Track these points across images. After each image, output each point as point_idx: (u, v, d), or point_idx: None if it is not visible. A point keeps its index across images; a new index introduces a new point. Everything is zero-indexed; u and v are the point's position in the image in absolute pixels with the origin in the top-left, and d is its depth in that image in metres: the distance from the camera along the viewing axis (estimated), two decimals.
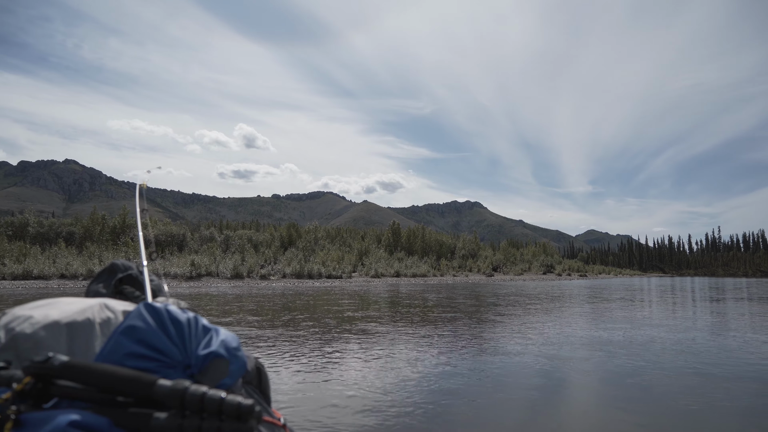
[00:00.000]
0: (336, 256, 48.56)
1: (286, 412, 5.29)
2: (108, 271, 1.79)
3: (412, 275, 44.87)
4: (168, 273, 34.92)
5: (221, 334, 0.99)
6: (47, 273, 32.34)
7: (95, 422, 0.79)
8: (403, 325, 12.23)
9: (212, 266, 36.62)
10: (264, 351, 8.63)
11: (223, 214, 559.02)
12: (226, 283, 32.88)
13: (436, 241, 74.04)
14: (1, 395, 0.85)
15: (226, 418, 0.75)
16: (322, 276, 39.73)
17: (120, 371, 0.84)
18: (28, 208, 62.87)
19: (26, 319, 1.15)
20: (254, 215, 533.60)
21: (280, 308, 16.50)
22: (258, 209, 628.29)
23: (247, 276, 36.68)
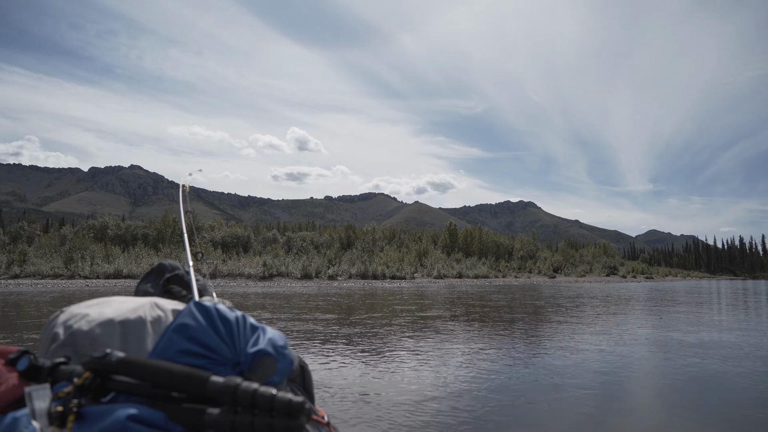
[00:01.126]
0: (396, 257, 49.33)
1: (341, 407, 5.39)
2: (156, 272, 1.91)
3: (474, 276, 45.03)
4: (242, 273, 36.71)
5: (268, 333, 1.03)
6: (135, 272, 34.76)
7: (152, 416, 0.81)
8: (473, 325, 12.46)
9: (282, 267, 38.17)
10: (331, 348, 8.98)
11: (277, 215, 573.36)
12: (297, 283, 34.21)
13: (493, 242, 73.62)
14: (63, 389, 0.88)
15: (276, 415, 0.77)
16: (386, 277, 40.54)
17: (174, 367, 0.86)
18: (99, 211, 66.59)
19: (83, 316, 1.20)
20: (307, 217, 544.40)
21: (352, 307, 17.24)
22: (311, 211, 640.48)
23: (315, 276, 37.99)
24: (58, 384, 0.93)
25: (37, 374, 0.99)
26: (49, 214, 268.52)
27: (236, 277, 36.07)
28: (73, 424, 0.81)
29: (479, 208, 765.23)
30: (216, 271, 36.09)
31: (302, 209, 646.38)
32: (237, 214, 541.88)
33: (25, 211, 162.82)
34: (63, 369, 0.97)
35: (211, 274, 35.98)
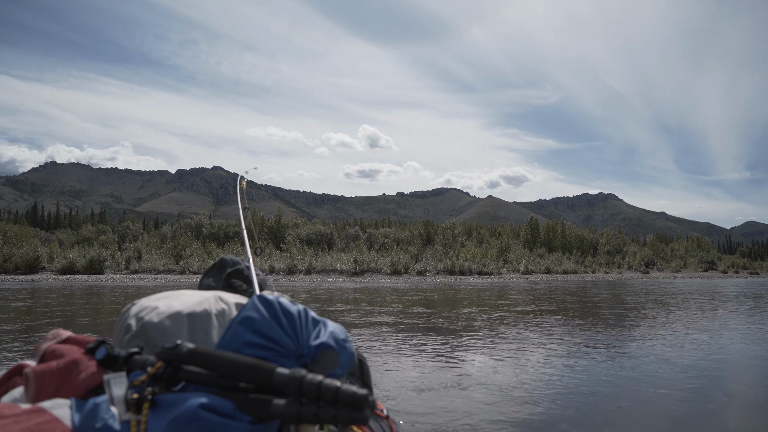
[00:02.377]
0: (479, 253, 49.26)
1: (412, 402, 5.34)
2: (218, 266, 2.00)
3: (563, 272, 44.16)
4: (334, 269, 38.24)
5: (329, 326, 1.05)
6: None
7: (222, 405, 0.83)
8: (577, 322, 12.31)
9: (372, 263, 39.36)
10: (414, 343, 9.11)
11: (350, 212, 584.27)
12: (388, 279, 35.16)
13: (576, 237, 71.40)
14: (137, 377, 0.93)
15: (341, 407, 0.77)
16: (473, 272, 40.69)
17: (242, 359, 0.89)
18: (185, 210, 71.54)
19: (153, 309, 1.27)
20: (380, 213, 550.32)
21: (455, 301, 17.61)
22: (383, 207, 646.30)
23: (404, 272, 38.86)
24: (133, 372, 0.98)
25: (113, 363, 1.05)
26: (142, 213, 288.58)
27: (329, 273, 37.63)
28: (148, 411, 0.84)
29: (555, 202, 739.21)
30: (310, 267, 37.80)
31: (375, 206, 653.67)
32: (312, 211, 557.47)
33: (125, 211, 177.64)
34: (137, 358, 1.02)
35: (306, 270, 37.79)
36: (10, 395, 1.10)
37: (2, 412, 0.82)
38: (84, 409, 0.87)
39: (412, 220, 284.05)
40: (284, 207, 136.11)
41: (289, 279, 33.97)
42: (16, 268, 36.83)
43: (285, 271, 37.25)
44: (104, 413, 0.85)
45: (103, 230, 74.52)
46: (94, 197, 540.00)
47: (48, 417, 0.83)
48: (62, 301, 17.36)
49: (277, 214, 71.52)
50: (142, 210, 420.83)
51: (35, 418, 0.81)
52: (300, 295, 20.12)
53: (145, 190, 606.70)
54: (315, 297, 19.43)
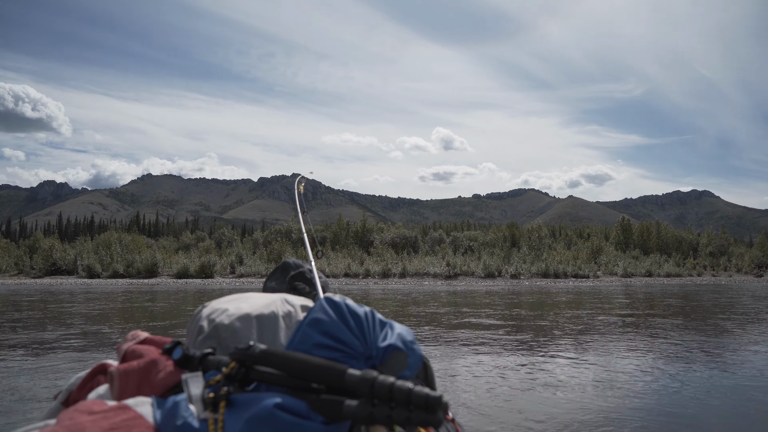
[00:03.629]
0: (570, 255, 47.88)
1: (501, 408, 5.20)
2: (281, 269, 2.06)
3: (665, 275, 42.02)
4: (427, 272, 38.75)
5: (396, 328, 1.05)
6: (335, 271, 38.68)
7: (295, 406, 0.85)
8: (696, 327, 11.81)
9: (465, 266, 39.50)
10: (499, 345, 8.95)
11: (426, 215, 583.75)
12: (482, 282, 35.18)
13: (673, 237, 67.46)
14: (213, 377, 0.96)
15: (414, 409, 0.77)
16: (568, 275, 39.72)
17: (314, 359, 0.90)
18: (267, 216, 74.80)
19: (223, 311, 1.30)
20: (456, 216, 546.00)
21: (550, 306, 17.36)
22: (459, 209, 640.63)
23: (498, 275, 38.67)
24: (208, 372, 1.02)
25: (188, 363, 1.09)
26: (229, 220, 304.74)
27: (423, 276, 38.18)
28: (224, 410, 0.87)
29: (643, 200, 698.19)
30: (404, 270, 38.54)
31: (451, 208, 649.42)
32: (388, 215, 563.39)
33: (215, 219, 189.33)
34: (211, 359, 1.06)
35: (401, 273, 38.58)
36: (96, 392, 1.17)
37: (91, 408, 0.86)
38: (165, 406, 0.90)
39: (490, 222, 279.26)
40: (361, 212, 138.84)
41: (384, 282, 34.91)
42: (138, 272, 40.50)
43: (380, 274, 38.25)
44: (184, 411, 0.88)
45: (201, 237, 79.67)
46: (185, 206, 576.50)
47: (132, 414, 0.87)
48: (180, 302, 19.02)
49: (362, 219, 73.26)
50: (228, 217, 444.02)
51: (121, 414, 0.86)
52: (397, 298, 20.72)
53: (230, 198, 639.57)
54: (413, 300, 19.94)
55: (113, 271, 40.42)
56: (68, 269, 44.94)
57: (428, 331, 10.73)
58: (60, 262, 45.50)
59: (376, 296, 22.06)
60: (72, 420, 0.82)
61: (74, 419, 0.83)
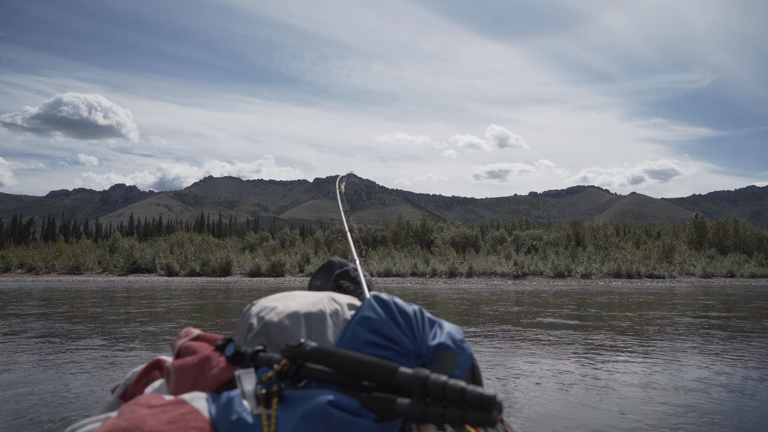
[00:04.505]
0: (641, 254, 46.06)
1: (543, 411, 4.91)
2: (326, 268, 2.07)
3: (749, 275, 39.76)
4: (494, 272, 38.40)
5: (446, 327, 1.05)
6: (402, 271, 39.03)
7: (348, 403, 0.85)
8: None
9: (533, 265, 38.87)
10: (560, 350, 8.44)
11: (481, 214, 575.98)
12: (551, 282, 34.49)
13: (753, 235, 63.52)
14: (264, 374, 0.98)
15: (467, 408, 0.75)
16: (642, 275, 38.29)
17: (365, 357, 0.89)
18: (323, 216, 76.25)
19: (272, 309, 1.33)
20: (512, 214, 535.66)
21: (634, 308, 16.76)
22: (515, 208, 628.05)
23: (568, 275, 37.82)
24: (260, 369, 1.03)
25: (240, 359, 1.11)
26: (286, 220, 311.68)
27: (490, 276, 37.87)
28: (277, 406, 0.88)
29: (713, 196, 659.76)
30: (471, 270, 38.36)
31: (506, 207, 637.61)
32: (442, 214, 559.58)
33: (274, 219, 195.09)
34: (262, 356, 1.09)
35: (467, 273, 38.42)
36: (152, 387, 1.23)
37: (150, 402, 0.90)
38: (219, 402, 0.92)
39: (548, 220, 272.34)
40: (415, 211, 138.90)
41: (452, 281, 34.88)
42: (213, 271, 42.34)
43: (447, 274, 38.25)
44: (238, 407, 0.89)
45: (264, 237, 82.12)
46: (245, 206, 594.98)
47: (189, 408, 0.89)
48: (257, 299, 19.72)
49: (422, 218, 73.33)
50: (285, 217, 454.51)
51: (178, 408, 0.88)
52: (467, 298, 20.68)
53: (287, 198, 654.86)
54: (483, 300, 19.85)
55: (190, 269, 42.46)
56: (147, 268, 47.54)
57: (497, 331, 10.65)
58: (140, 260, 48.21)
59: (445, 295, 22.11)
60: (133, 413, 0.85)
61: (135, 412, 0.85)
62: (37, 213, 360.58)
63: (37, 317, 11.02)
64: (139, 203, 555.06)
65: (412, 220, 76.79)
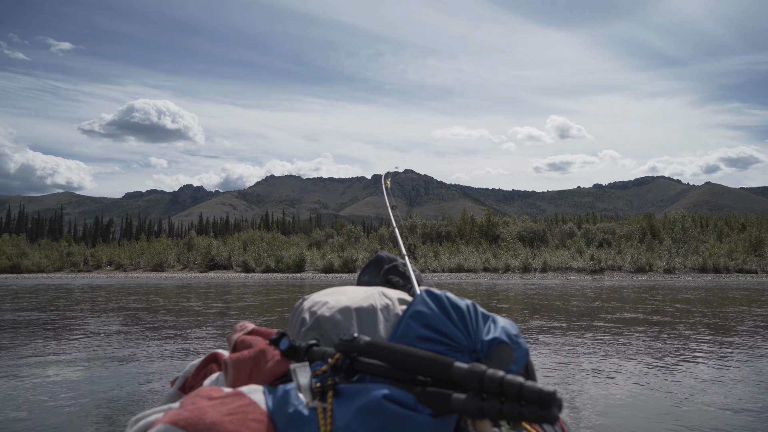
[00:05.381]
0: (726, 248, 43.47)
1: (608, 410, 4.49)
2: (375, 263, 2.09)
3: None
4: (569, 266, 37.46)
5: (500, 321, 1.03)
6: (473, 266, 38.82)
7: (403, 397, 0.84)
8: None
9: (610, 260, 37.61)
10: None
11: (543, 208, 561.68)
12: (631, 277, 33.28)
13: None
14: (319, 368, 0.99)
15: (526, 404, 0.73)
16: (730, 270, 36.21)
17: (420, 352, 0.88)
18: (381, 213, 76.34)
19: (323, 304, 1.35)
20: (575, 207, 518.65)
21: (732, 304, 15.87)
22: (579, 201, 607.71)
23: (649, 270, 36.33)
24: (314, 363, 1.04)
25: (294, 353, 1.13)
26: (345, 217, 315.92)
27: (565, 271, 37.00)
28: (332, 399, 0.89)
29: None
30: (545, 265, 37.61)
31: (569, 200, 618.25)
32: (502, 208, 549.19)
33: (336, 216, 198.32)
34: (316, 350, 1.10)
35: (541, 268, 37.71)
36: (210, 379, 1.27)
37: (210, 394, 0.92)
38: (276, 394, 0.95)
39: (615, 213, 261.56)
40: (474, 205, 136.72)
41: (528, 277, 34.34)
42: (287, 267, 43.76)
43: (520, 269, 37.69)
44: (294, 399, 0.91)
45: (330, 234, 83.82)
46: (305, 204, 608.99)
47: (247, 400, 0.92)
48: None
49: (487, 213, 72.46)
50: (345, 214, 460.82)
51: (237, 400, 0.91)
52: (547, 293, 20.26)
53: (345, 195, 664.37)
54: (560, 296, 19.39)
55: (266, 266, 44.05)
56: (224, 264, 49.71)
57: (577, 327, 10.31)
58: (217, 258, 50.49)
59: (521, 291, 21.79)
60: (194, 404, 0.88)
61: (196, 404, 0.88)
62: (114, 213, 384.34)
63: (145, 311, 11.78)
64: (206, 203, 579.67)
65: (473, 214, 76.05)
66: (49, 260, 61.49)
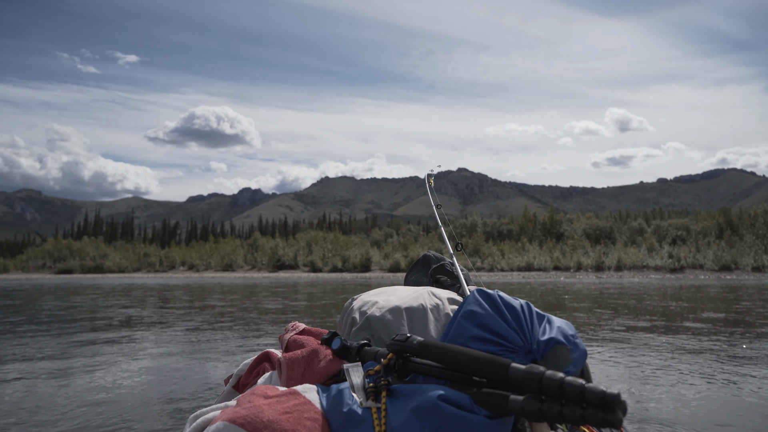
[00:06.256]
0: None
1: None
2: (422, 263, 2.11)
3: None
4: (645, 265, 36.00)
5: (555, 321, 1.00)
6: (543, 265, 38.03)
7: (459, 398, 0.83)
8: None
9: (690, 257, 35.87)
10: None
11: (603, 204, 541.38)
12: (715, 276, 31.59)
13: None
14: (371, 368, 0.98)
15: (588, 407, 0.71)
16: None
17: (474, 352, 0.87)
18: (434, 212, 76.84)
19: (373, 304, 1.33)
20: (638, 203, 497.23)
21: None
22: (641, 196, 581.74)
23: (734, 268, 34.37)
24: (366, 363, 1.04)
25: (346, 353, 1.13)
26: (400, 217, 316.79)
27: (641, 270, 35.55)
28: (386, 399, 0.88)
29: None
30: (620, 263, 36.32)
31: (631, 195, 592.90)
32: (559, 205, 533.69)
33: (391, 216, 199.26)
34: (367, 350, 1.09)
35: (616, 266, 36.43)
36: (263, 378, 1.26)
37: (266, 393, 0.94)
38: (330, 394, 0.95)
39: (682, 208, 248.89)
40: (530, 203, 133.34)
41: (601, 276, 33.22)
42: (354, 267, 44.39)
43: (593, 267, 36.57)
44: (348, 399, 0.91)
45: (389, 233, 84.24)
46: (359, 205, 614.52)
47: (302, 399, 0.93)
48: None
49: (551, 210, 70.72)
50: (399, 214, 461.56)
51: (293, 399, 0.92)
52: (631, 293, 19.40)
53: (399, 195, 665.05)
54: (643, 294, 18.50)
55: (333, 266, 44.84)
56: (290, 264, 50.97)
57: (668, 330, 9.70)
58: (284, 258, 51.84)
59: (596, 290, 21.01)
60: (251, 403, 0.90)
61: (253, 402, 0.90)
62: (179, 216, 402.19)
63: (231, 309, 12.11)
64: (263, 205, 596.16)
65: (534, 212, 74.18)
66: (128, 261, 65.10)
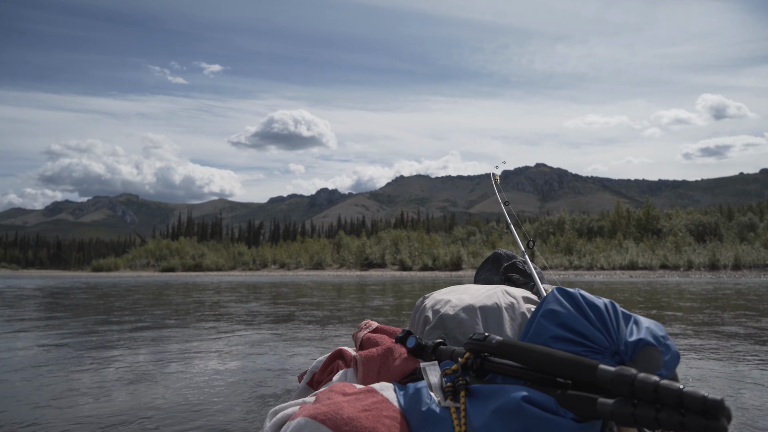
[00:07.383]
0: None
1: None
2: (493, 260, 2.09)
3: None
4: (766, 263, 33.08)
5: (643, 322, 0.96)
6: (651, 263, 35.97)
7: (544, 400, 0.80)
8: None
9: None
10: None
11: (696, 198, 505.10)
12: None
13: None
14: (448, 367, 0.96)
15: (687, 412, 0.66)
16: None
17: (559, 353, 0.83)
18: (513, 209, 73.65)
19: (446, 302, 1.32)
20: (738, 196, 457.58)
21: None
22: (742, 189, 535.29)
23: None
24: (443, 362, 1.02)
25: (421, 352, 1.12)
26: (476, 214, 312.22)
27: (763, 268, 32.64)
28: (465, 399, 0.86)
29: None
30: (737, 261, 33.54)
31: (730, 188, 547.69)
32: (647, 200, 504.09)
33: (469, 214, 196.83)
34: (443, 348, 1.07)
35: (733, 265, 33.74)
36: (338, 375, 1.26)
37: (344, 390, 0.94)
38: (407, 392, 0.94)
39: None
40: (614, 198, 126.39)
41: (716, 275, 30.86)
42: (444, 265, 44.19)
43: (707, 266, 34.05)
44: (426, 398, 0.90)
45: (471, 231, 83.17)
46: (435, 203, 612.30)
47: (380, 397, 0.92)
48: None
49: (646, 205, 66.85)
50: (475, 211, 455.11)
51: (371, 397, 0.92)
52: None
53: (475, 192, 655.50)
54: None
55: (423, 264, 44.85)
56: (378, 263, 51.55)
57: None
58: (371, 256, 52.53)
59: (717, 291, 19.37)
60: (330, 399, 0.90)
61: (332, 399, 0.91)
62: (261, 217, 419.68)
63: (330, 306, 12.25)
64: (340, 205, 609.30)
65: (611, 208, 70.28)
66: (224, 260, 68.83)
